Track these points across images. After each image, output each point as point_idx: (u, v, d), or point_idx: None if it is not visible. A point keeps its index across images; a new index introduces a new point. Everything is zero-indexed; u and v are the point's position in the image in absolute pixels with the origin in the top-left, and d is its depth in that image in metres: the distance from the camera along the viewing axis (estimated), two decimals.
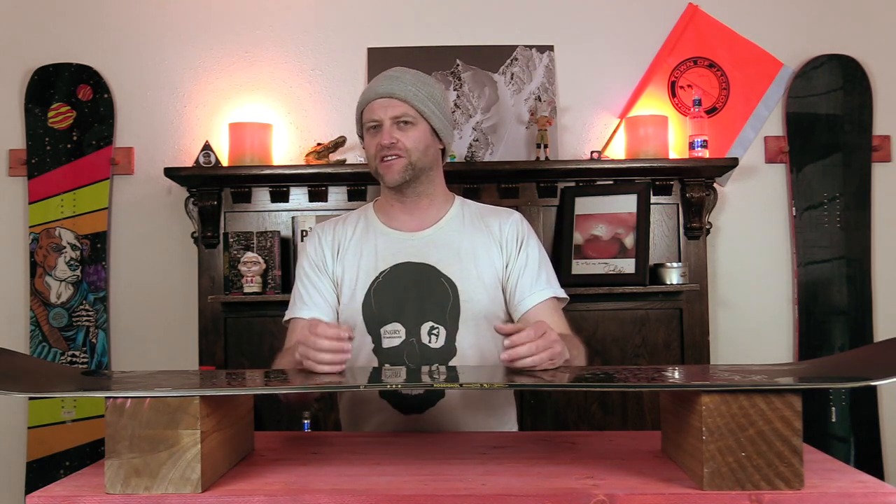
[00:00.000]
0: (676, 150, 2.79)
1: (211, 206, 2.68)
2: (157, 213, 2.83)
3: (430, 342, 1.54)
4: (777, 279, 2.84)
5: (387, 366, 1.53)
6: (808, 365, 1.38)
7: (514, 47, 2.84)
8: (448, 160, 1.71)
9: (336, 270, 1.61)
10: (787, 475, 0.97)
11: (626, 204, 2.66)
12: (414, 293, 1.55)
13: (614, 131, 2.80)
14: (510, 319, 1.62)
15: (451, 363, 1.54)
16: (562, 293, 1.62)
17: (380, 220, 1.64)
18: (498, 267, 1.59)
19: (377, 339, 1.55)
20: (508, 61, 2.83)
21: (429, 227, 1.61)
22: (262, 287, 2.61)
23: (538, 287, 1.58)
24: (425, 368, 1.45)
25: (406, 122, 1.54)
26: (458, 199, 1.68)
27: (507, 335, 1.25)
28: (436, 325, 1.54)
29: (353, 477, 1.08)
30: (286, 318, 1.63)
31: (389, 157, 1.54)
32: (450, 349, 1.54)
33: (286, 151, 2.82)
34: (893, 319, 2.81)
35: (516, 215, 1.66)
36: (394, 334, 1.55)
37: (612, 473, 1.08)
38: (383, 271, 1.57)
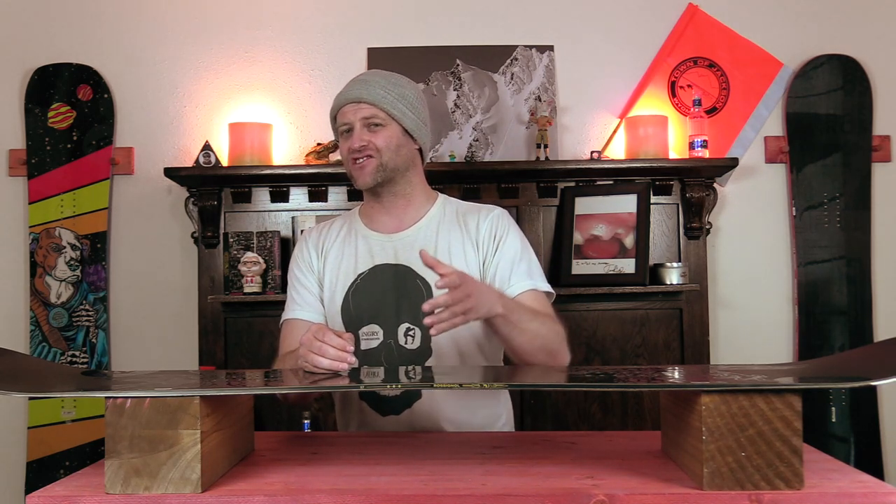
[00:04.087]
0: (676, 150, 2.79)
1: (211, 206, 2.68)
2: (157, 213, 2.83)
3: (406, 343, 1.54)
4: (777, 279, 2.84)
5: (364, 367, 1.52)
6: (808, 365, 1.38)
7: (514, 47, 2.84)
8: (428, 160, 1.70)
9: (320, 272, 1.63)
10: (787, 475, 0.97)
11: (626, 204, 2.66)
12: (390, 294, 1.55)
13: (614, 131, 2.80)
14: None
15: (427, 364, 1.53)
16: (545, 286, 1.56)
17: (362, 223, 1.65)
18: (473, 265, 1.57)
19: (356, 342, 1.54)
20: (508, 61, 2.83)
21: (407, 228, 1.61)
22: (262, 287, 2.61)
23: (516, 279, 1.54)
24: (402, 369, 1.45)
25: (376, 125, 1.54)
26: (441, 198, 1.67)
27: (436, 273, 1.28)
28: (412, 327, 1.54)
29: (353, 477, 1.08)
30: (281, 321, 1.64)
31: (361, 160, 1.54)
32: (426, 350, 1.54)
33: (286, 151, 2.82)
34: (893, 319, 2.81)
35: (497, 211, 1.63)
36: (372, 336, 1.55)
37: (612, 473, 1.08)
38: (361, 273, 1.58)
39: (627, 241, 2.64)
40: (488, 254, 1.58)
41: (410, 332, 1.54)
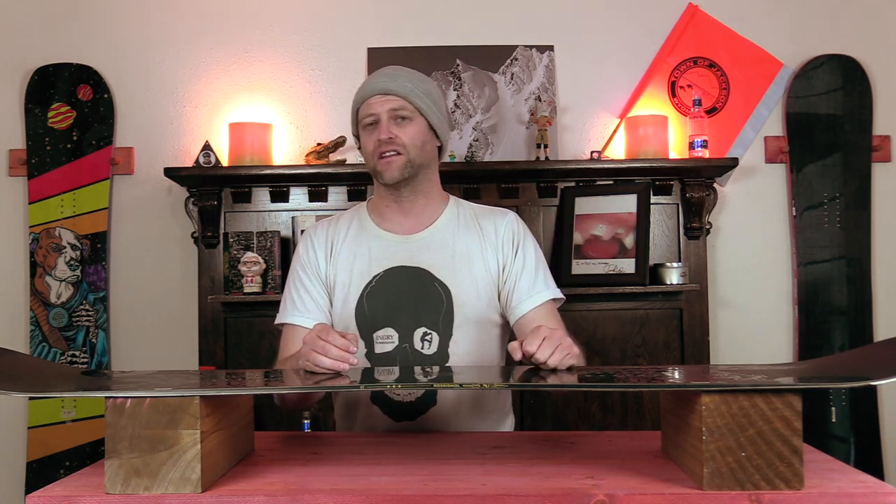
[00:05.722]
0: (676, 150, 2.79)
1: (211, 206, 2.68)
2: (157, 213, 2.83)
3: (422, 348, 1.52)
4: (777, 279, 2.84)
5: (378, 368, 1.51)
6: (808, 365, 1.38)
7: (514, 47, 2.84)
8: (445, 159, 1.70)
9: (329, 273, 1.58)
10: (787, 475, 0.97)
11: (626, 204, 2.66)
12: (407, 298, 1.52)
13: (614, 131, 2.80)
14: (506, 322, 1.60)
15: None
16: (558, 293, 1.59)
17: (373, 222, 1.61)
18: (493, 270, 1.56)
19: (370, 345, 1.53)
20: (508, 61, 2.83)
21: (423, 230, 1.58)
22: (262, 287, 2.61)
23: (535, 290, 1.55)
24: (418, 368, 1.44)
25: (403, 118, 1.52)
26: (453, 200, 1.65)
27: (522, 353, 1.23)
28: (429, 331, 1.52)
29: (353, 477, 1.08)
30: (278, 321, 1.61)
31: (388, 153, 1.51)
32: (443, 355, 1.52)
33: (286, 151, 2.82)
34: (893, 319, 2.81)
35: (511, 215, 1.63)
36: (386, 340, 1.52)
37: (612, 473, 1.08)
38: (377, 275, 1.55)
39: (627, 241, 2.64)
40: (507, 258, 1.57)
41: (427, 337, 1.52)
